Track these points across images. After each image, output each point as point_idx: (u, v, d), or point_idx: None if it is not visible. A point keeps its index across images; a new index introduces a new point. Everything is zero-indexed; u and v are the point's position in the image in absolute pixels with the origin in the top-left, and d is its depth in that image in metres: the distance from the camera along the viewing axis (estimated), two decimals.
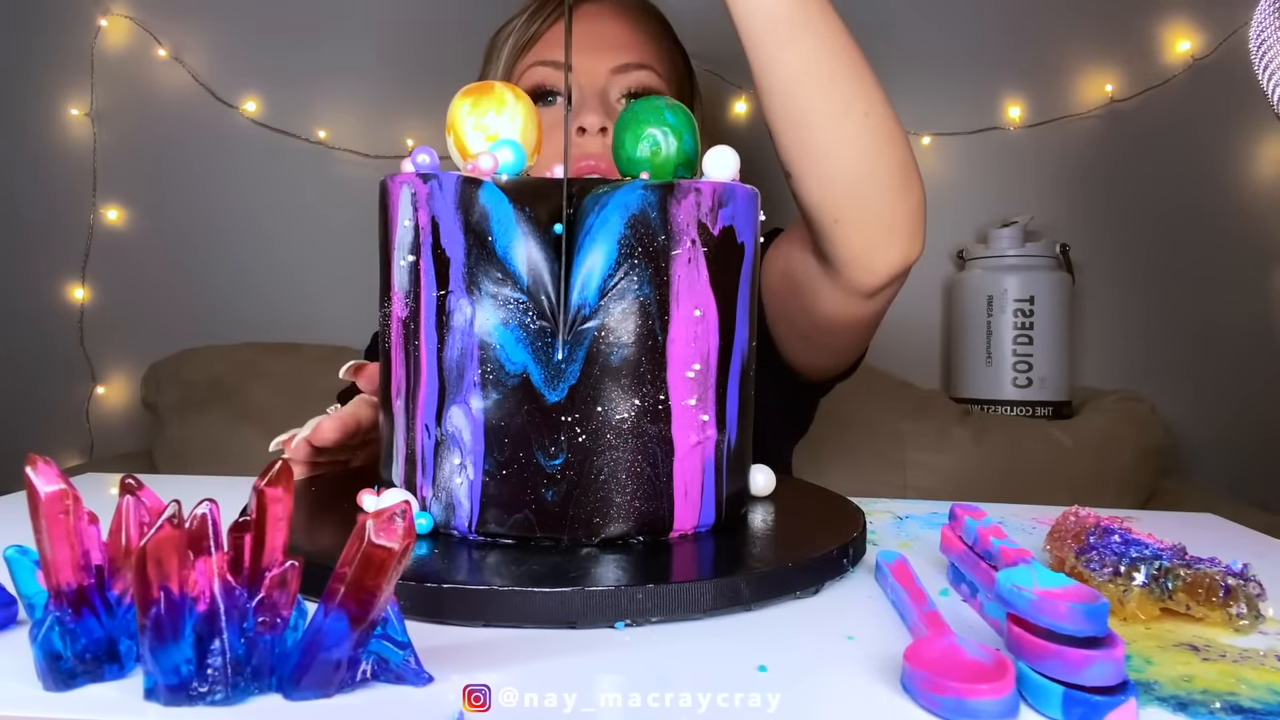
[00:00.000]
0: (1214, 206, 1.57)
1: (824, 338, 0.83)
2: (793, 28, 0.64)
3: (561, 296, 0.46)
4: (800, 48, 0.65)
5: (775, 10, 0.64)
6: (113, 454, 1.67)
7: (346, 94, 1.68)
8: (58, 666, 0.33)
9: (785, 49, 0.65)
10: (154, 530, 0.30)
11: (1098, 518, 0.50)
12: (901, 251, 0.71)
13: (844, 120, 0.67)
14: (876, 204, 0.69)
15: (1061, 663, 0.32)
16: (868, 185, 0.68)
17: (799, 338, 0.84)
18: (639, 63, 0.86)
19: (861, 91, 0.67)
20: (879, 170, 0.68)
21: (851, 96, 0.66)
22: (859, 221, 0.69)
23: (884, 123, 0.68)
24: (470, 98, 0.52)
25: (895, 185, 0.69)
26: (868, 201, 0.69)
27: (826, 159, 0.68)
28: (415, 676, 0.34)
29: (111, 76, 1.69)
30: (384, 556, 0.31)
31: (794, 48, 0.65)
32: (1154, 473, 1.43)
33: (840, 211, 0.69)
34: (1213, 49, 1.54)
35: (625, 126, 0.52)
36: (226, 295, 1.70)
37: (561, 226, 0.46)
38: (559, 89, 0.86)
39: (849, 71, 0.66)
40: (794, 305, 0.81)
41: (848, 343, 0.85)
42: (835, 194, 0.68)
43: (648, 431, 0.46)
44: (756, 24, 0.65)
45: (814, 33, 0.65)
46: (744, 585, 0.43)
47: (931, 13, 1.61)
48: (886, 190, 0.69)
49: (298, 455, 0.62)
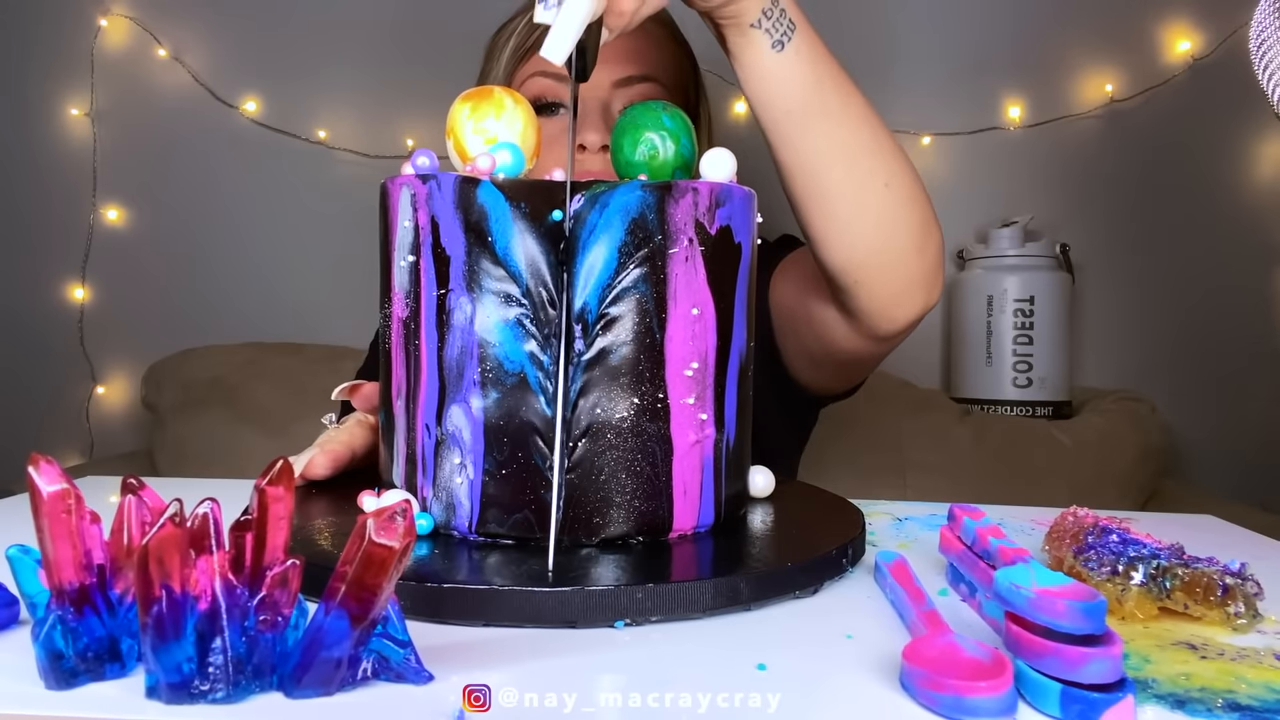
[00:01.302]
0: (1214, 206, 1.57)
1: (834, 366, 0.84)
2: (809, 114, 0.64)
3: (561, 294, 0.46)
4: (817, 131, 0.65)
5: (790, 102, 0.64)
6: (113, 454, 1.67)
7: (346, 94, 1.68)
8: (60, 665, 0.33)
9: (802, 134, 0.65)
10: (156, 529, 0.30)
11: (1096, 518, 0.50)
12: (921, 302, 0.72)
13: (864, 194, 0.66)
14: (897, 264, 0.70)
15: (1059, 660, 0.32)
16: (889, 249, 0.69)
17: (807, 359, 0.84)
18: (642, 75, 0.85)
19: (881, 164, 0.66)
20: (900, 234, 0.69)
21: (871, 171, 0.66)
22: (879, 281, 0.70)
23: (904, 189, 0.68)
24: (470, 102, 0.52)
25: (915, 244, 0.69)
26: (888, 263, 0.69)
27: (848, 230, 0.68)
28: (416, 675, 0.34)
29: (111, 76, 1.70)
30: (385, 555, 0.31)
31: (811, 132, 0.64)
32: (1154, 473, 1.43)
33: (860, 274, 0.69)
34: (1213, 49, 1.54)
35: (623, 131, 0.53)
36: (226, 295, 1.70)
37: (560, 213, 0.46)
38: (560, 100, 0.85)
39: (868, 147, 0.66)
40: (807, 333, 0.81)
41: (857, 371, 0.86)
42: (856, 259, 0.69)
43: (647, 430, 0.47)
44: (773, 114, 0.64)
45: (830, 116, 0.64)
46: (743, 585, 0.43)
47: (932, 12, 1.61)
48: (907, 251, 0.69)
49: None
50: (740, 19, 0.60)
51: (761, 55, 0.61)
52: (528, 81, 0.86)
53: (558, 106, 0.85)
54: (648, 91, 0.86)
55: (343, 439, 0.61)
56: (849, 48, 1.46)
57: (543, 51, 0.47)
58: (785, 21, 0.61)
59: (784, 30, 0.61)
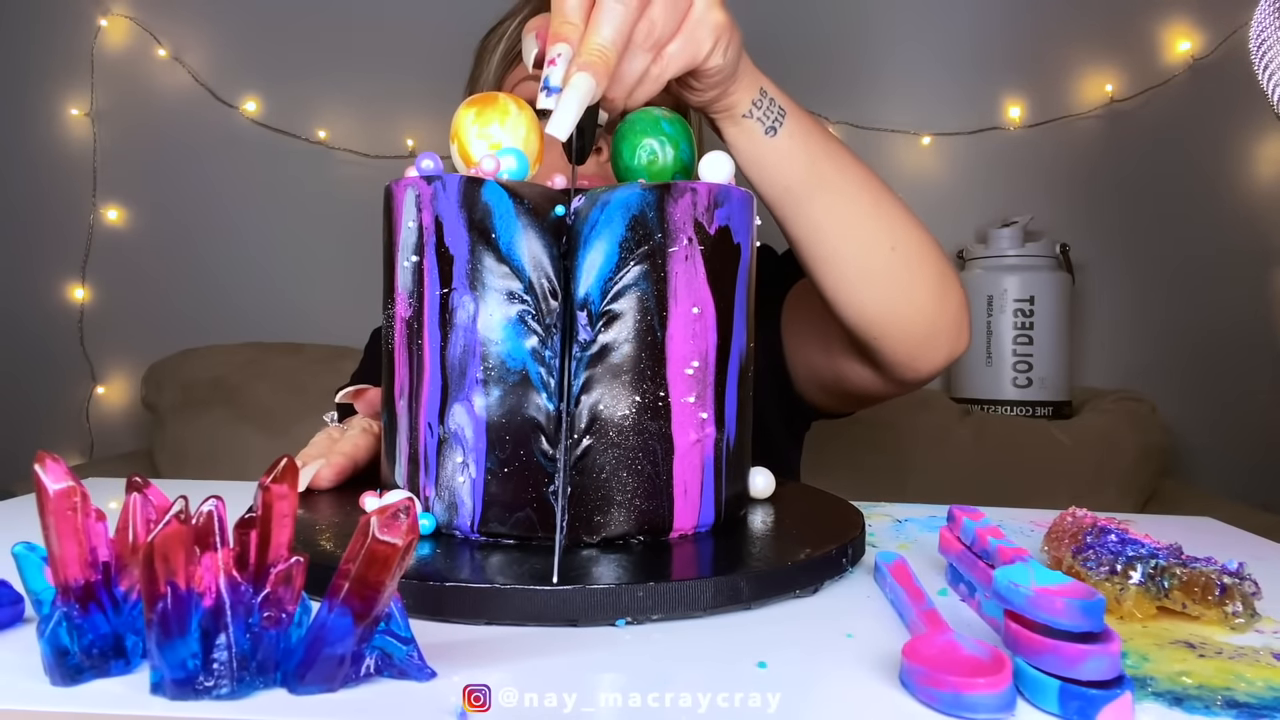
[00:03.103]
0: (1214, 206, 1.57)
1: (846, 398, 0.84)
2: (806, 189, 0.65)
3: (561, 279, 0.46)
4: (816, 204, 0.66)
5: (787, 180, 0.65)
6: (113, 454, 1.67)
7: (346, 94, 1.69)
8: (65, 662, 0.33)
9: (802, 207, 0.66)
10: (161, 526, 0.31)
11: (1095, 518, 0.50)
12: (946, 352, 0.72)
13: (870, 259, 0.67)
14: (915, 320, 0.70)
15: (1058, 657, 0.32)
16: (903, 309, 0.69)
17: (817, 386, 0.85)
18: None
19: (885, 229, 0.67)
20: (914, 295, 0.69)
21: (876, 236, 0.67)
22: (898, 337, 0.70)
23: (912, 250, 0.68)
24: (475, 108, 0.53)
25: (933, 299, 0.70)
26: (905, 320, 0.70)
27: (858, 292, 0.68)
28: (418, 672, 0.34)
29: (111, 76, 1.70)
30: (388, 552, 0.32)
31: (810, 205, 0.66)
32: (1154, 473, 1.43)
33: (877, 330, 0.70)
34: (1213, 49, 1.54)
35: (623, 137, 0.53)
36: (226, 295, 1.70)
37: (563, 209, 0.46)
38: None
39: (870, 214, 0.67)
40: (823, 364, 0.81)
41: (871, 403, 0.85)
42: (872, 319, 0.69)
43: (648, 428, 0.47)
44: (773, 191, 0.66)
45: (828, 189, 0.66)
46: (744, 584, 0.43)
47: (932, 12, 1.61)
48: (924, 306, 0.70)
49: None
50: (733, 111, 0.62)
51: (755, 142, 0.63)
52: (520, 85, 0.86)
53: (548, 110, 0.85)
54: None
55: (345, 449, 0.61)
56: (849, 48, 1.47)
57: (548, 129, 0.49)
58: (775, 109, 0.63)
59: (774, 117, 0.63)
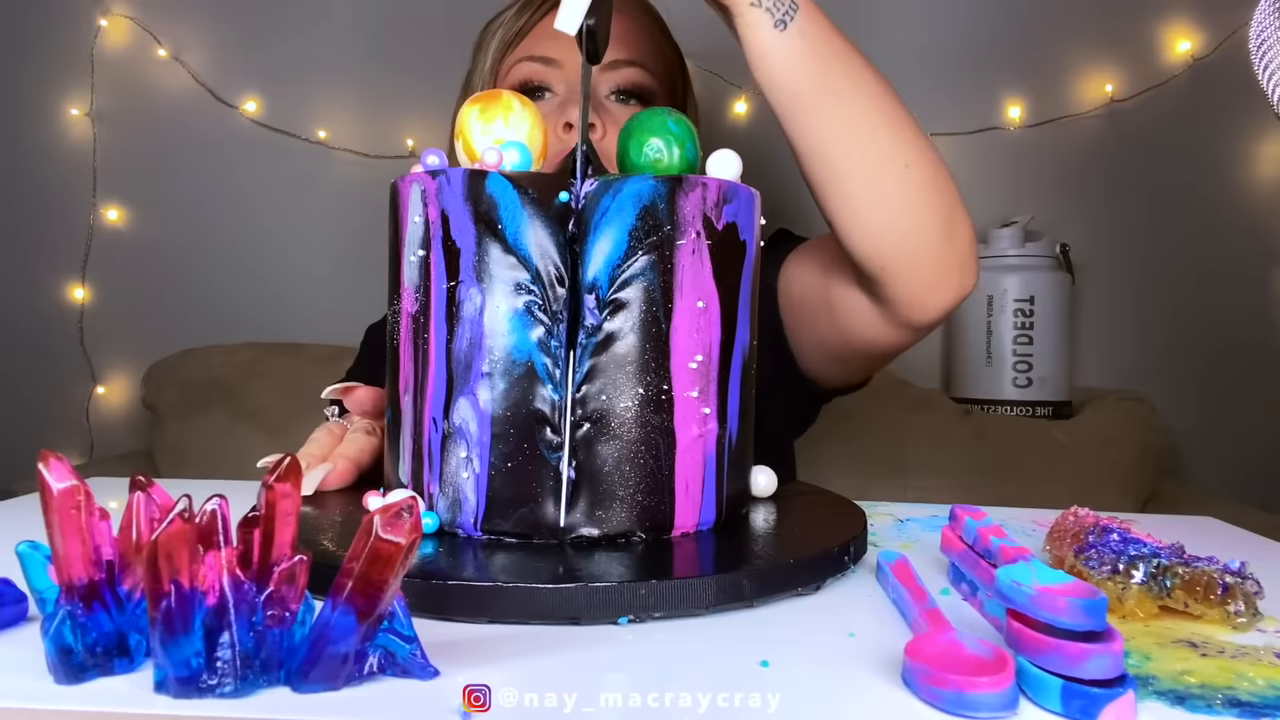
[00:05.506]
0: (1214, 206, 1.57)
1: (856, 359, 0.82)
2: (817, 95, 0.63)
3: (567, 262, 0.46)
4: (828, 113, 0.64)
5: (797, 83, 0.63)
6: (112, 454, 1.67)
7: (346, 94, 1.69)
8: (69, 660, 0.33)
9: (812, 115, 0.64)
10: (165, 524, 0.31)
11: (1096, 518, 0.50)
12: (954, 290, 0.70)
13: (883, 176, 0.65)
14: (924, 252, 0.68)
15: (1060, 656, 0.33)
16: (913, 236, 0.67)
17: (824, 354, 0.83)
18: (629, 59, 0.86)
19: (899, 147, 0.65)
20: (924, 221, 0.67)
21: (889, 153, 0.65)
22: (908, 269, 0.68)
23: (927, 174, 0.66)
24: (479, 105, 0.53)
25: (942, 232, 0.68)
26: (916, 249, 0.68)
27: (868, 213, 0.66)
28: (421, 670, 0.34)
29: (111, 76, 1.70)
30: (391, 551, 0.32)
31: (821, 113, 0.64)
32: (1154, 473, 1.43)
33: (887, 260, 0.68)
34: (1213, 49, 1.54)
35: (629, 135, 0.53)
36: (226, 295, 1.70)
37: (567, 195, 0.47)
38: (547, 84, 0.85)
39: (885, 128, 0.65)
40: (827, 326, 0.80)
41: (878, 363, 0.84)
42: (880, 245, 0.67)
43: (650, 421, 0.47)
44: (781, 96, 0.64)
45: (841, 97, 0.64)
46: (746, 582, 0.43)
47: (932, 12, 1.61)
48: (934, 238, 0.68)
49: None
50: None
51: (764, 35, 0.62)
52: (515, 67, 0.87)
53: (544, 90, 0.86)
54: (634, 75, 0.86)
55: (349, 453, 0.62)
56: None
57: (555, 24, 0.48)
58: (787, 1, 0.61)
59: (785, 9, 0.61)
